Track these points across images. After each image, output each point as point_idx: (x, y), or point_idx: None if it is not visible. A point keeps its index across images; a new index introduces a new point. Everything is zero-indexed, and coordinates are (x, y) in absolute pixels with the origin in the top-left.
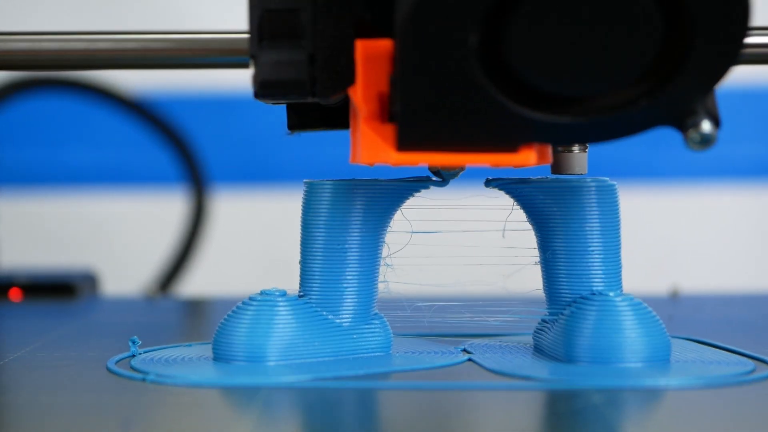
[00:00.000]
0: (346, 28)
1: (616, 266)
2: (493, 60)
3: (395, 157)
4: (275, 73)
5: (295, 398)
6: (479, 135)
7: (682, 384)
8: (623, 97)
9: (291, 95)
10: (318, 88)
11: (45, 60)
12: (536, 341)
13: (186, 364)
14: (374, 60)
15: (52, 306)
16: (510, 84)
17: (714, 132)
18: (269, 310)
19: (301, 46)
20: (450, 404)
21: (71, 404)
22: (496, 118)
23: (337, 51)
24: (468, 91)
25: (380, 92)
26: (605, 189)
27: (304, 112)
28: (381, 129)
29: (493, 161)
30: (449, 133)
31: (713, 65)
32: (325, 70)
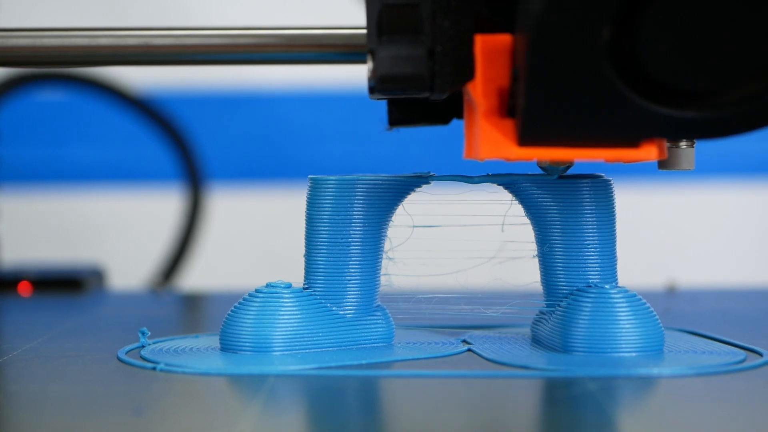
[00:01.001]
0: (465, 23)
1: (612, 259)
2: (622, 54)
3: (516, 152)
4: (395, 68)
5: (300, 386)
6: (602, 130)
7: (674, 372)
8: (750, 91)
9: (409, 90)
10: (437, 83)
11: (46, 56)
12: (534, 332)
13: (194, 354)
14: (494, 55)
15: (60, 300)
16: (637, 78)
17: None
18: (275, 301)
19: (420, 41)
20: (450, 392)
21: (83, 393)
22: (622, 113)
23: (457, 46)
24: (595, 86)
25: (500, 87)
26: (601, 185)
27: (407, 107)
28: (500, 124)
29: (615, 156)
30: (572, 128)
31: None
32: (444, 65)
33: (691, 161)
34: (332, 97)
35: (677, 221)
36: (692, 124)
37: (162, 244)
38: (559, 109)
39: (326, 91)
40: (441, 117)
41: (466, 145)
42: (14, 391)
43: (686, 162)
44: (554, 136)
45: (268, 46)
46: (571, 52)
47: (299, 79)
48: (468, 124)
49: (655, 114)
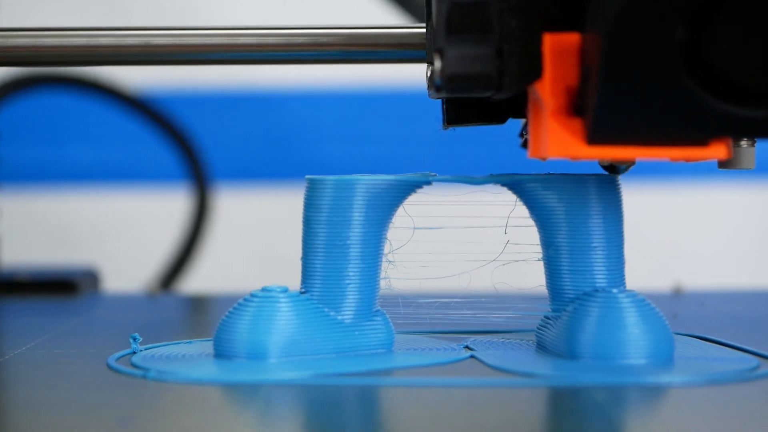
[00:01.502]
0: (533, 22)
1: (619, 262)
2: (695, 53)
3: (585, 151)
4: (463, 67)
5: (297, 395)
6: (672, 129)
7: (685, 381)
8: None
9: (477, 89)
10: (505, 82)
11: (46, 56)
12: (539, 338)
13: (187, 360)
14: (562, 54)
15: (53, 303)
16: (709, 77)
17: None
18: (271, 306)
19: (488, 40)
20: (452, 401)
21: (71, 401)
22: (693, 112)
23: (524, 45)
24: (667, 86)
25: (568, 86)
26: (608, 184)
27: (464, 106)
28: (568, 123)
29: (684, 155)
30: (642, 127)
31: None
32: (512, 64)
33: (752, 160)
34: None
35: (679, 221)
36: (764, 123)
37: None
38: (629, 108)
39: (330, 91)
40: (497, 116)
41: (532, 144)
42: (1, 399)
43: (747, 161)
44: (623, 135)
45: (268, 45)
46: (645, 51)
47: (301, 78)
48: (534, 124)
49: (726, 113)
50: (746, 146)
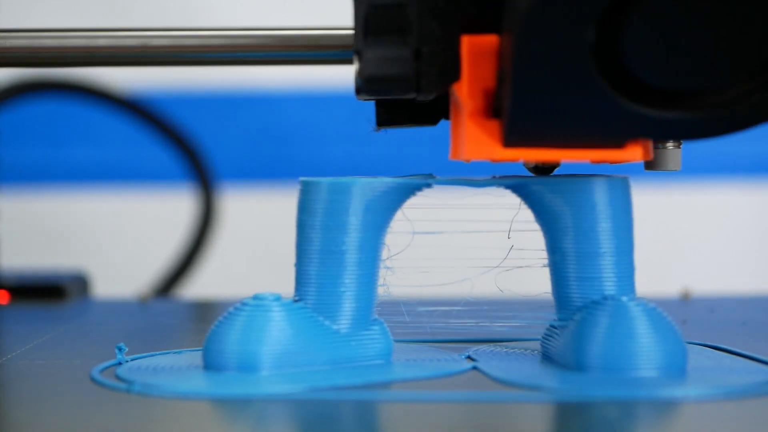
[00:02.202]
0: (452, 24)
1: (629, 268)
2: (607, 55)
3: (500, 153)
4: (381, 69)
5: (290, 410)
6: (588, 131)
7: (700, 394)
8: (736, 92)
9: (395, 91)
10: (423, 83)
11: (44, 57)
12: (544, 348)
13: (174, 373)
14: (481, 55)
15: (40, 309)
16: (623, 79)
17: None
18: (262, 315)
19: (406, 42)
20: (454, 417)
21: (49, 418)
22: (607, 114)
23: (443, 46)
24: (581, 87)
25: (486, 88)
26: (617, 186)
27: (394, 108)
28: (486, 125)
29: (599, 157)
30: (557, 129)
31: None
32: (431, 66)
33: (678, 162)
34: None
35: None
36: (677, 125)
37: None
38: (543, 109)
39: (329, 91)
40: (429, 118)
41: (452, 146)
42: None
43: (672, 163)
44: (539, 137)
45: (266, 46)
46: (556, 52)
47: (300, 79)
48: (454, 125)
49: (640, 115)
50: (672, 148)
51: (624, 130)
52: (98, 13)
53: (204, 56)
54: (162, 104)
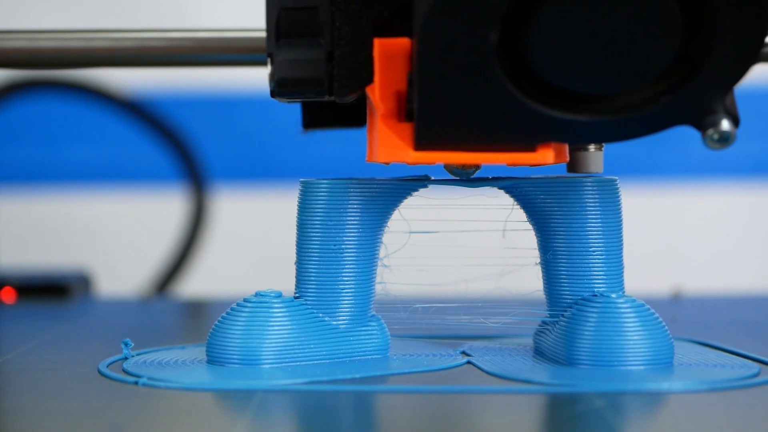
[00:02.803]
0: (364, 26)
1: (618, 267)
2: (513, 57)
3: (413, 156)
4: (293, 72)
5: (291, 402)
6: (497, 133)
7: (685, 387)
8: (643, 96)
9: (308, 93)
10: (336, 86)
11: (42, 58)
12: (537, 343)
13: (179, 367)
14: (392, 58)
15: (44, 307)
16: (530, 82)
17: (733, 131)
18: (264, 311)
19: (319, 45)
20: (449, 408)
21: (59, 409)
22: (515, 116)
23: (356, 49)
24: (487, 89)
25: (398, 91)
26: (606, 186)
27: (319, 110)
28: (398, 128)
29: (511, 160)
30: (467, 132)
31: (733, 64)
32: (343, 69)
33: (599, 164)
34: None
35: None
36: (588, 127)
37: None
38: (452, 112)
39: None
40: (355, 120)
41: (368, 149)
42: None
43: (594, 165)
44: (450, 140)
45: (264, 47)
46: (460, 55)
47: None
48: (370, 128)
49: (549, 117)
50: (594, 150)
51: (533, 133)
52: (96, 14)
53: (202, 58)
54: (157, 104)
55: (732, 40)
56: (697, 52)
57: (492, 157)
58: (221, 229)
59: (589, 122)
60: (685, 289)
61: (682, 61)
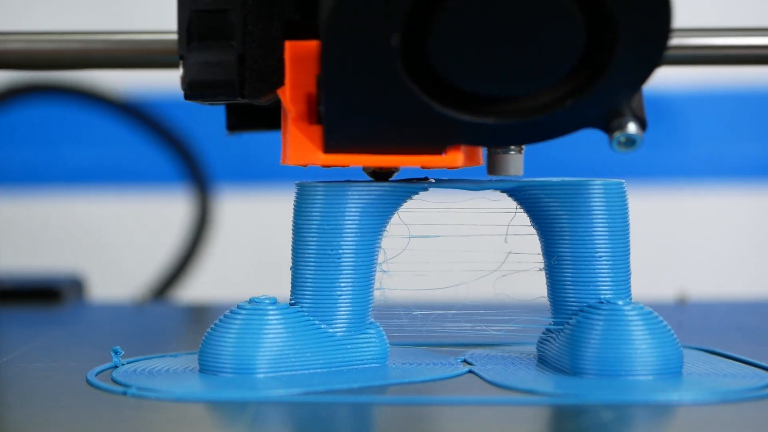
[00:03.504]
0: (276, 29)
1: (625, 273)
2: (416, 60)
3: (322, 159)
4: (204, 74)
5: (286, 413)
6: (405, 136)
7: (695, 398)
8: (548, 98)
9: (220, 96)
10: (247, 88)
11: (41, 60)
12: (540, 352)
13: (170, 376)
14: (302, 61)
15: (35, 312)
16: (435, 85)
17: (640, 133)
18: (258, 319)
19: (230, 47)
20: (449, 420)
21: (45, 421)
22: (422, 119)
23: (267, 52)
24: (392, 92)
25: (308, 93)
26: (613, 190)
27: (243, 113)
28: (309, 130)
29: (420, 162)
30: (375, 134)
31: (637, 67)
32: (254, 71)
33: (519, 167)
34: None
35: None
36: (495, 130)
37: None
38: (360, 115)
39: None
40: (278, 123)
41: (282, 151)
42: None
43: (514, 168)
44: (359, 142)
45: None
46: (363, 58)
47: None
48: (283, 130)
49: (456, 120)
50: (513, 153)
51: (441, 135)
52: (95, 16)
53: None
54: (158, 107)
55: (635, 42)
56: (600, 54)
57: (401, 159)
58: (224, 233)
59: (496, 125)
60: (690, 294)
61: (587, 64)
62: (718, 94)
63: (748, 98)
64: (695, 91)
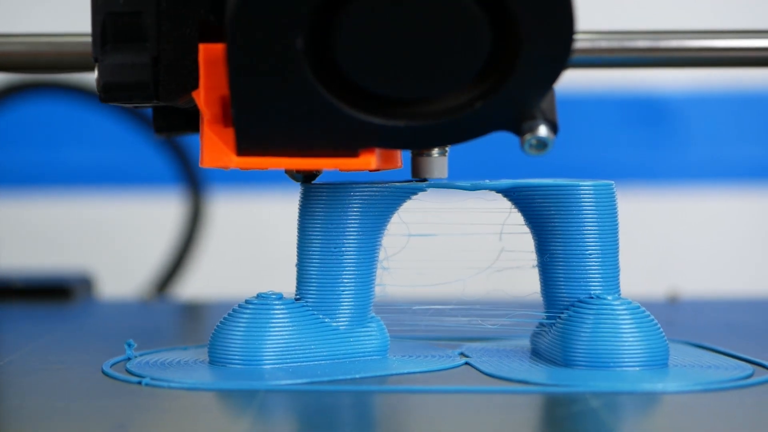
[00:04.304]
0: (190, 31)
1: (614, 269)
2: (323, 62)
3: (236, 161)
4: (118, 76)
5: (292, 402)
6: (317, 138)
7: (679, 388)
8: (458, 101)
9: (134, 98)
10: (161, 90)
11: (42, 61)
12: (534, 345)
13: (182, 367)
14: (216, 63)
15: (47, 309)
16: (343, 86)
17: (551, 137)
18: (265, 313)
19: (144, 49)
20: (447, 408)
21: (65, 408)
22: (332, 121)
23: (182, 54)
24: (300, 95)
25: (222, 96)
26: (603, 191)
27: (170, 115)
28: (223, 132)
29: (333, 165)
30: (287, 137)
31: (543, 68)
32: (168, 73)
33: (444, 170)
34: None
35: (677, 229)
36: (406, 133)
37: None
38: (269, 117)
39: None
40: None
41: (200, 153)
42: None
43: (438, 170)
44: (271, 145)
45: None
46: (268, 60)
47: None
48: (201, 132)
49: (366, 123)
50: (437, 155)
51: (352, 138)
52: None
53: None
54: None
55: (539, 44)
56: (506, 57)
57: (314, 162)
58: (218, 232)
59: (406, 127)
60: (681, 293)
61: (494, 66)
62: (717, 95)
63: (747, 100)
64: (694, 92)
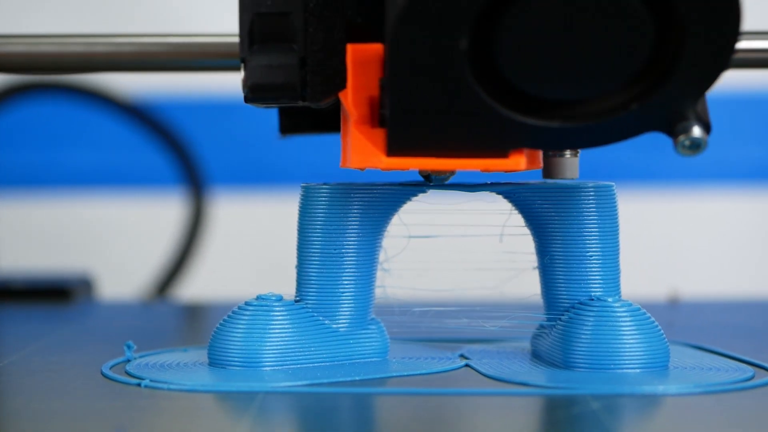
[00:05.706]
0: (337, 32)
1: (615, 271)
2: (483, 64)
3: (385, 162)
4: (266, 77)
5: (291, 404)
6: (469, 139)
7: (680, 390)
8: (614, 102)
9: (282, 99)
10: (308, 92)
11: (43, 63)
12: (534, 347)
13: (181, 369)
14: (365, 64)
15: (47, 310)
16: (500, 88)
17: (704, 137)
18: (265, 315)
19: (292, 50)
20: (447, 410)
21: (64, 410)
22: (486, 122)
23: (328, 55)
24: (458, 96)
25: (371, 96)
26: (603, 192)
27: (296, 115)
28: (371, 133)
29: (483, 166)
30: (439, 138)
31: (705, 69)
32: (316, 74)
33: (575, 170)
34: None
35: (678, 230)
36: (559, 134)
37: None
38: (424, 118)
39: None
40: (331, 126)
41: (342, 154)
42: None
43: (570, 171)
44: (422, 146)
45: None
46: (430, 61)
47: None
48: (343, 133)
49: (520, 124)
50: (569, 156)
51: (505, 139)
52: (96, 19)
53: (202, 62)
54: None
55: (703, 45)
56: (667, 57)
57: (464, 163)
58: (220, 234)
59: (560, 128)
60: (682, 294)
61: (653, 67)
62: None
63: (746, 101)
64: None
